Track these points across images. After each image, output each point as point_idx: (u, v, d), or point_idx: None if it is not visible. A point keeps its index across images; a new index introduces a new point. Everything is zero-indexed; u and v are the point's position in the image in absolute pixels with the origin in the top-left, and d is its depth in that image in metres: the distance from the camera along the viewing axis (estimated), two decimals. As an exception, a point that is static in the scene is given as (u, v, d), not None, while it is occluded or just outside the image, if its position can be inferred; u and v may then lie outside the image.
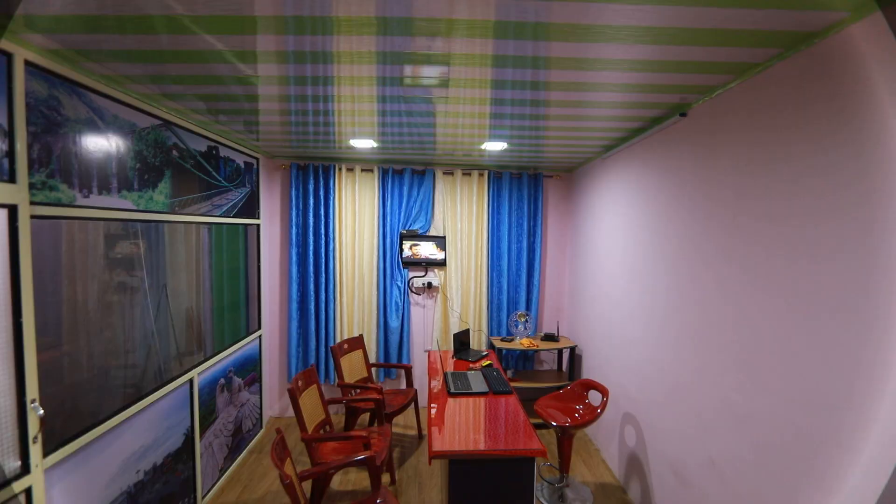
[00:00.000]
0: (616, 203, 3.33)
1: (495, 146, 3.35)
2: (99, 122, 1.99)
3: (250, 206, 3.60)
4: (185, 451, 2.66)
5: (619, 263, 3.25)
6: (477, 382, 2.91)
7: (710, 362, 2.11)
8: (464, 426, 2.35)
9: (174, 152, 2.55)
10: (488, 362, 3.38)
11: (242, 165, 3.47)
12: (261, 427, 3.85)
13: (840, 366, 1.43)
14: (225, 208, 3.16)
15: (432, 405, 2.55)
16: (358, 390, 3.44)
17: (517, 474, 2.10)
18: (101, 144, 1.99)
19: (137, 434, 2.24)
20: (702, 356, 2.18)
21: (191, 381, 2.70)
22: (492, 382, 2.90)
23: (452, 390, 2.78)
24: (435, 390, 2.83)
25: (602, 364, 3.56)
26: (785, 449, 1.64)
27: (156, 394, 2.35)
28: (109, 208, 2.04)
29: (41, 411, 1.63)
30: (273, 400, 4.21)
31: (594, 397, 3.12)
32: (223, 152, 3.15)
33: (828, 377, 1.47)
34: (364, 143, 3.33)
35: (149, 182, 2.33)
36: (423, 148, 3.50)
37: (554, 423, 2.77)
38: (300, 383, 2.74)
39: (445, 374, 3.02)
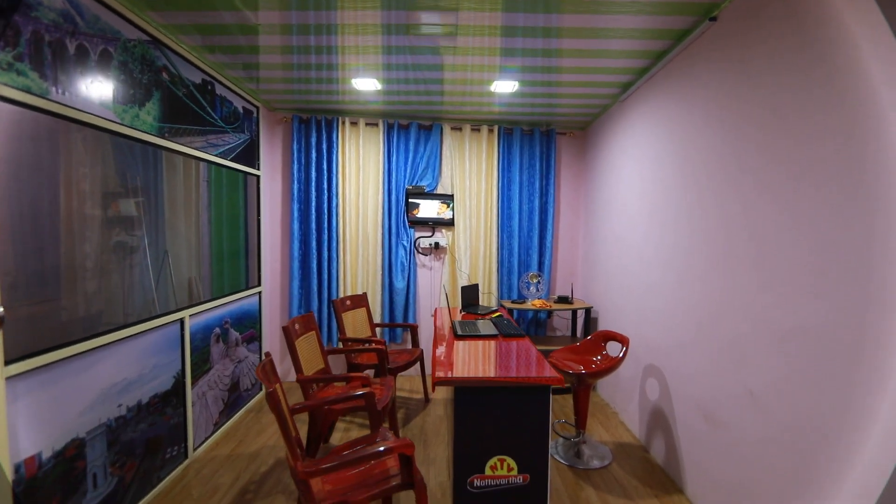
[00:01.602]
0: (635, 147, 3.11)
1: (506, 86, 3.15)
2: (77, 18, 1.84)
3: (249, 155, 3.45)
4: (175, 395, 2.49)
5: (638, 207, 3.02)
6: (486, 328, 2.70)
7: (744, 282, 1.89)
8: (472, 359, 2.15)
9: (164, 75, 2.41)
10: (499, 314, 3.17)
11: (241, 111, 3.32)
12: (260, 388, 3.69)
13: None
14: (222, 150, 3.01)
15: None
16: (361, 345, 3.26)
17: (530, 406, 1.88)
18: (79, 43, 1.84)
19: (119, 365, 2.07)
20: (734, 277, 1.95)
21: (181, 321, 2.54)
22: (502, 327, 2.69)
23: (459, 333, 2.58)
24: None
25: (619, 317, 3.33)
26: (835, 356, 1.42)
27: (140, 325, 2.19)
28: (89, 112, 1.88)
29: (0, 309, 1.47)
30: (274, 362, 4.03)
31: (613, 349, 2.90)
32: (219, 90, 3.00)
33: (880, 269, 1.25)
34: (368, 84, 3.16)
35: (135, 98, 2.18)
36: (430, 92, 3.32)
37: (570, 371, 2.55)
38: (297, 326, 2.57)
39: (453, 322, 2.82)
